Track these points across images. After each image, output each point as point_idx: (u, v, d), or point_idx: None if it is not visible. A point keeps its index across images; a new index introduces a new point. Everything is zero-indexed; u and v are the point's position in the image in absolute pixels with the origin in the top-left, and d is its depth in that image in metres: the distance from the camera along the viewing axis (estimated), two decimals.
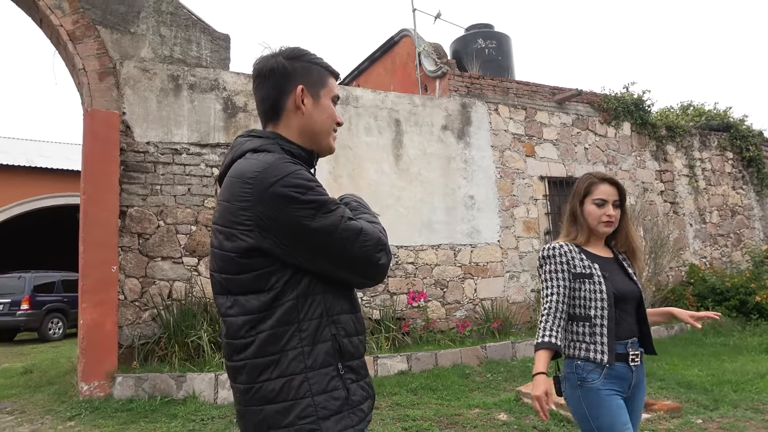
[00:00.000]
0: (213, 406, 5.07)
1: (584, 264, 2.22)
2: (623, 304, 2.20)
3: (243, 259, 1.34)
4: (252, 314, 1.35)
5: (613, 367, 2.12)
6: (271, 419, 1.32)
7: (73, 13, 6.32)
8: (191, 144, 6.63)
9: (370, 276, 1.43)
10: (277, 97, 1.48)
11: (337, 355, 1.38)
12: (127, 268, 6.08)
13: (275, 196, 1.30)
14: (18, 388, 6.21)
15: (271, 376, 1.33)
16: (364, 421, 1.40)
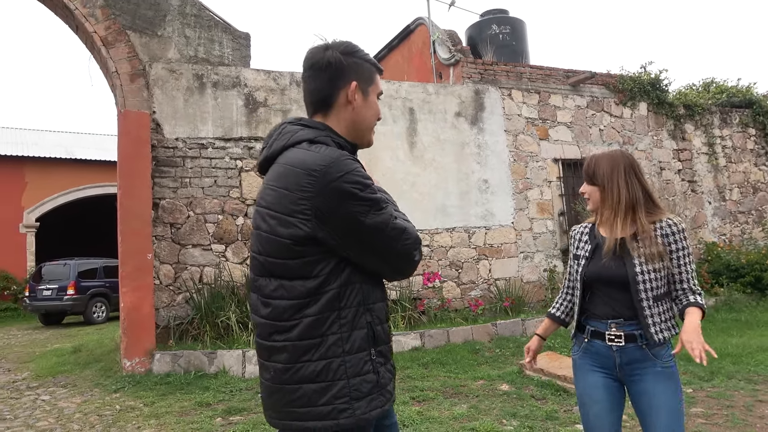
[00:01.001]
0: (241, 380, 5.59)
1: (582, 245, 2.32)
2: (603, 286, 2.20)
3: (297, 246, 1.43)
4: (299, 299, 1.44)
5: (592, 343, 2.21)
6: (308, 397, 1.43)
7: (105, 19, 6.81)
8: (216, 138, 7.10)
9: (406, 271, 1.55)
10: (330, 91, 1.54)
11: (371, 341, 1.49)
12: (162, 255, 6.62)
13: (337, 191, 1.39)
14: (69, 365, 6.88)
15: (312, 358, 1.43)
16: (389, 401, 1.53)
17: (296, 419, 1.45)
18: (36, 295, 13.76)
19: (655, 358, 2.11)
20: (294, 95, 7.59)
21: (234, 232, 7.04)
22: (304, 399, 1.43)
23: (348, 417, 1.43)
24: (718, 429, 3.95)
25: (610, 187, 2.23)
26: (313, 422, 1.42)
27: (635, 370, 2.14)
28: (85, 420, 4.56)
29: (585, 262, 2.25)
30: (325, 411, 1.42)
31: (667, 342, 2.14)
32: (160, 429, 4.24)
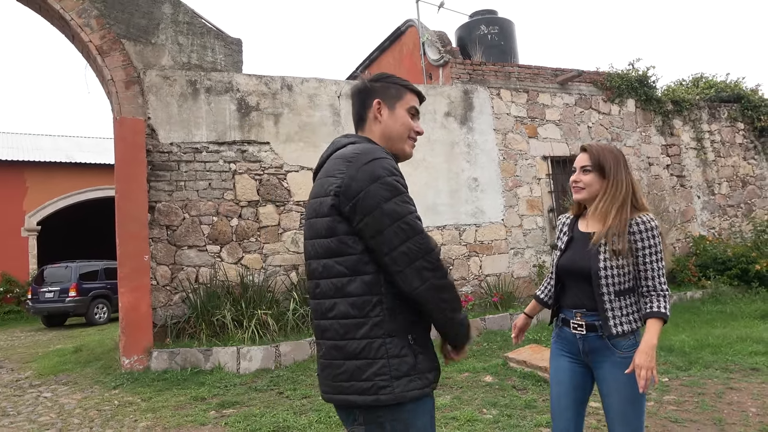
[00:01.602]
0: (236, 375, 5.80)
1: (561, 237, 2.43)
2: (569, 277, 2.34)
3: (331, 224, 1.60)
4: (337, 277, 1.60)
5: (562, 329, 2.36)
6: (351, 373, 1.57)
7: (101, 29, 7.01)
8: (210, 142, 7.30)
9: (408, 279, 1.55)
10: (361, 110, 1.81)
11: (410, 327, 1.62)
12: (158, 256, 6.83)
13: (366, 171, 1.56)
14: (70, 364, 7.09)
15: (355, 336, 1.57)
16: (428, 387, 1.62)
17: (341, 393, 1.59)
18: (38, 298, 13.98)
19: (615, 348, 2.20)
20: (285, 99, 7.79)
21: (228, 233, 7.25)
22: (347, 374, 1.57)
23: (387, 394, 1.54)
24: (687, 415, 4.14)
25: (614, 181, 2.27)
26: (355, 396, 1.56)
27: (597, 357, 2.26)
28: (84, 415, 4.77)
29: (560, 254, 2.37)
30: (366, 386, 1.55)
31: (628, 334, 2.22)
32: (157, 422, 4.45)
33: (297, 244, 7.57)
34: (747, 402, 4.35)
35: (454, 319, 1.66)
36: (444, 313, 1.62)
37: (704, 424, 3.94)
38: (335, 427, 4.16)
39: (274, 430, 4.13)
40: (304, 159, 7.76)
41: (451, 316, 1.64)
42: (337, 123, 8.05)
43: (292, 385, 5.38)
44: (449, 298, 1.62)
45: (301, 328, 6.84)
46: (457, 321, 1.67)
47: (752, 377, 5.06)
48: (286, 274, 7.44)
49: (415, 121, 1.83)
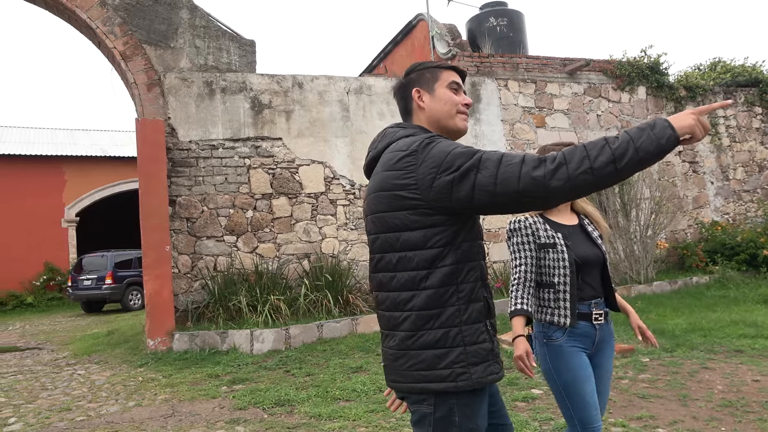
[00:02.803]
0: (249, 356, 6.31)
1: (548, 234, 2.33)
2: (588, 269, 2.34)
3: (410, 216, 1.61)
4: (417, 270, 1.61)
5: (577, 325, 2.29)
6: (429, 361, 1.59)
7: (123, 35, 7.54)
8: (226, 140, 7.79)
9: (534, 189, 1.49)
10: (404, 103, 1.83)
11: (487, 313, 1.65)
12: (179, 246, 7.38)
13: (433, 155, 1.58)
14: (103, 346, 7.75)
15: (432, 326, 1.59)
16: (503, 370, 1.69)
17: (419, 381, 1.60)
18: (78, 285, 14.87)
19: (612, 332, 2.42)
20: (296, 96, 8.21)
21: (244, 224, 7.75)
22: (425, 363, 1.59)
23: (465, 380, 1.58)
24: (656, 391, 4.44)
25: None
26: (435, 384, 1.59)
27: (603, 344, 2.36)
28: (112, 389, 5.35)
29: (565, 248, 2.31)
30: (445, 374, 1.58)
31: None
32: (173, 395, 4.98)
33: (309, 234, 8.02)
34: (716, 381, 4.62)
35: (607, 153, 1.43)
36: (596, 161, 1.43)
37: (669, 400, 4.24)
38: (331, 400, 4.61)
39: (275, 402, 4.60)
40: (315, 153, 8.19)
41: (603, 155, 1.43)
42: (346, 118, 8.45)
43: (299, 364, 5.85)
44: (579, 159, 1.44)
45: (312, 313, 7.31)
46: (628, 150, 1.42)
47: (732, 358, 5.30)
48: (298, 262, 7.91)
49: (459, 94, 1.79)
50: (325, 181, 8.23)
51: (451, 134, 1.77)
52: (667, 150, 1.42)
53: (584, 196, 1.60)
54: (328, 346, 6.48)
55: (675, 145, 1.43)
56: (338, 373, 5.43)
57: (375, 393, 4.74)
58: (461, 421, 1.61)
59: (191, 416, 4.39)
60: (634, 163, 1.42)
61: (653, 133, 1.41)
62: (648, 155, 1.41)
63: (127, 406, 4.79)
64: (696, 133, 1.44)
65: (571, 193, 1.46)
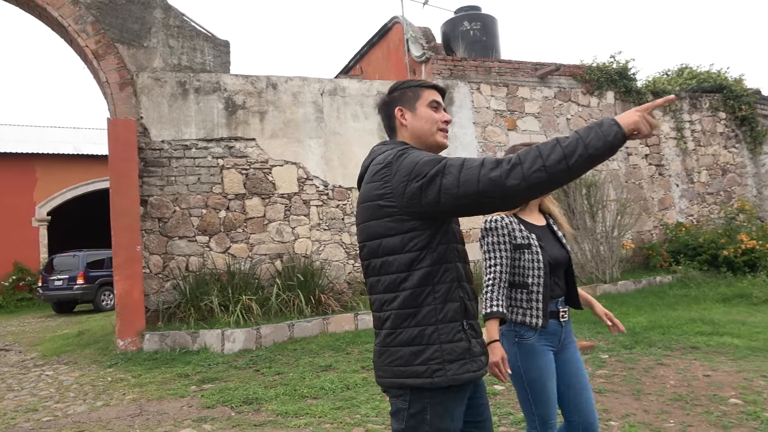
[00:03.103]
0: (219, 355, 6.35)
1: (523, 235, 2.36)
2: (557, 270, 2.40)
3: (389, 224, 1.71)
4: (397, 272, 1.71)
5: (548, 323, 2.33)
6: (407, 357, 1.68)
7: (96, 34, 7.51)
8: (199, 140, 7.81)
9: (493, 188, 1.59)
10: (388, 121, 1.93)
11: (463, 313, 1.72)
12: (151, 246, 7.39)
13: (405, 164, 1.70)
14: (72, 346, 7.71)
15: (409, 325, 1.69)
16: (481, 370, 1.74)
17: (398, 376, 1.70)
18: (48, 285, 14.67)
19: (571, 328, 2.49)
20: (270, 97, 8.26)
21: (217, 224, 7.78)
22: (403, 359, 1.68)
23: (441, 376, 1.65)
24: (611, 386, 4.62)
25: None
26: (411, 379, 1.67)
27: (567, 340, 2.43)
28: (80, 389, 5.36)
29: (540, 249, 2.35)
30: (421, 370, 1.66)
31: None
32: (142, 395, 5.01)
33: (282, 234, 8.08)
34: (670, 376, 4.82)
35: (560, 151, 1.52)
36: (548, 159, 1.52)
37: (623, 394, 4.42)
38: (298, 398, 4.69)
39: (244, 400, 4.67)
40: (289, 154, 8.25)
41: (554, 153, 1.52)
42: (320, 119, 8.52)
43: (269, 363, 5.92)
44: (532, 159, 1.53)
45: (284, 313, 7.37)
46: (578, 148, 1.51)
47: (688, 355, 5.52)
48: (271, 262, 7.97)
49: (440, 112, 1.89)
50: (298, 182, 8.29)
51: (433, 149, 1.86)
52: (615, 145, 1.50)
53: (542, 194, 1.67)
54: (299, 346, 6.56)
55: (622, 140, 1.51)
56: (307, 371, 5.52)
57: (342, 391, 4.84)
58: (432, 419, 1.68)
59: (159, 415, 4.44)
60: (584, 159, 1.50)
61: (601, 131, 1.50)
62: (597, 151, 1.49)
63: (94, 405, 4.81)
64: (641, 129, 1.52)
65: (528, 191, 1.54)
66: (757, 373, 4.79)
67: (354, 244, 8.47)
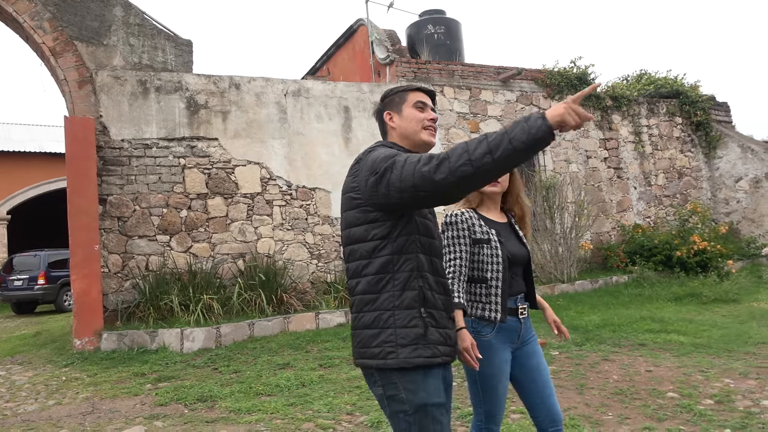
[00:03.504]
0: (178, 354, 6.34)
1: (483, 230, 2.38)
2: (515, 266, 2.43)
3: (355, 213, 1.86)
4: (360, 260, 1.85)
5: (506, 320, 2.35)
6: (366, 340, 1.82)
7: (53, 31, 7.42)
8: (160, 139, 7.78)
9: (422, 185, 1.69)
10: (381, 126, 2.08)
11: (422, 301, 1.81)
12: (110, 246, 7.33)
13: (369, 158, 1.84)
14: (28, 346, 7.59)
15: (369, 309, 1.82)
16: (437, 357, 1.80)
17: (360, 357, 1.84)
18: (8, 286, 14.34)
19: (531, 325, 2.50)
20: (233, 97, 8.27)
21: (178, 223, 7.75)
22: (363, 341, 1.82)
23: (393, 358, 1.76)
24: (557, 381, 4.78)
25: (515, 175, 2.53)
26: (369, 360, 1.81)
27: (526, 337, 2.44)
28: (32, 389, 5.31)
29: (499, 245, 2.38)
30: (376, 351, 1.78)
31: None
32: (96, 393, 4.99)
33: (244, 234, 8.10)
34: (614, 371, 5.01)
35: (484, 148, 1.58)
36: (473, 153, 1.59)
37: (567, 389, 4.58)
38: (253, 395, 4.74)
39: (198, 398, 4.70)
40: (252, 154, 8.27)
41: (480, 148, 1.59)
42: (283, 120, 8.56)
43: (227, 362, 5.95)
44: (458, 153, 1.61)
45: (246, 312, 7.40)
46: (502, 142, 1.57)
47: (634, 351, 5.74)
48: (233, 261, 7.98)
49: (426, 111, 1.99)
50: (261, 182, 8.32)
51: (420, 147, 1.97)
52: (539, 138, 1.53)
53: (475, 188, 1.71)
54: (259, 344, 6.59)
55: (546, 132, 1.53)
56: (265, 369, 5.57)
57: (297, 388, 4.90)
58: (408, 397, 1.76)
59: (111, 413, 4.44)
60: (509, 152, 1.54)
61: (526, 125, 1.55)
62: (521, 144, 1.53)
63: (46, 404, 4.78)
64: (567, 120, 1.56)
65: (457, 185, 1.61)
66: (696, 368, 5.02)
67: (317, 244, 8.53)
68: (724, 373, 4.87)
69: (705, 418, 3.83)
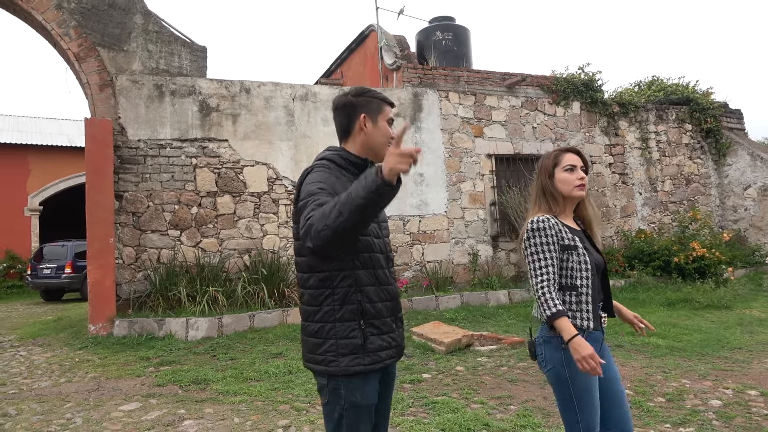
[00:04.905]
0: (182, 342, 6.84)
1: (569, 236, 2.31)
2: (599, 274, 2.36)
3: (296, 227, 1.96)
4: (303, 272, 1.98)
5: (593, 331, 2.27)
6: (312, 347, 1.96)
7: (78, 38, 7.99)
8: (173, 140, 8.29)
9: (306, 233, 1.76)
10: (346, 123, 2.04)
11: (360, 314, 1.93)
12: (125, 239, 7.87)
13: (301, 180, 1.97)
14: (49, 330, 8.21)
15: (313, 320, 1.95)
16: (377, 363, 1.94)
17: (308, 361, 1.99)
18: (37, 274, 15.13)
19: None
20: (243, 101, 8.74)
21: (188, 219, 8.26)
22: (309, 348, 1.96)
23: (335, 367, 1.90)
24: (525, 377, 5.10)
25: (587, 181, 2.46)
26: (314, 365, 1.96)
27: (604, 346, 2.40)
28: (48, 368, 5.86)
29: (587, 252, 2.31)
30: (320, 359, 1.93)
31: None
32: (103, 374, 5.50)
33: (251, 230, 8.57)
34: None
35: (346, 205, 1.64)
36: (329, 218, 1.66)
37: (532, 384, 4.91)
38: (243, 380, 5.18)
39: (193, 381, 5.16)
40: (259, 155, 8.74)
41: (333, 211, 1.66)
42: (290, 123, 9.00)
43: (225, 350, 6.41)
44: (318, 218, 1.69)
45: (249, 304, 7.86)
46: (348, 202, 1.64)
47: None
48: (239, 256, 8.46)
49: (392, 128, 2.07)
50: (268, 182, 8.78)
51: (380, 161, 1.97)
52: (376, 191, 1.60)
53: (347, 242, 1.71)
54: (258, 335, 7.04)
55: (384, 185, 1.59)
56: (259, 357, 6.01)
57: (284, 375, 5.32)
58: (346, 394, 1.92)
59: (113, 391, 4.93)
60: (354, 209, 1.61)
61: (365, 182, 1.62)
62: (363, 200, 1.60)
63: (58, 382, 5.30)
64: (399, 168, 1.61)
65: (324, 246, 1.67)
66: (660, 369, 5.29)
67: None
68: (684, 374, 5.14)
69: (651, 414, 4.13)
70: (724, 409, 4.20)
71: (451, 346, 6.00)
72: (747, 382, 4.88)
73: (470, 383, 4.97)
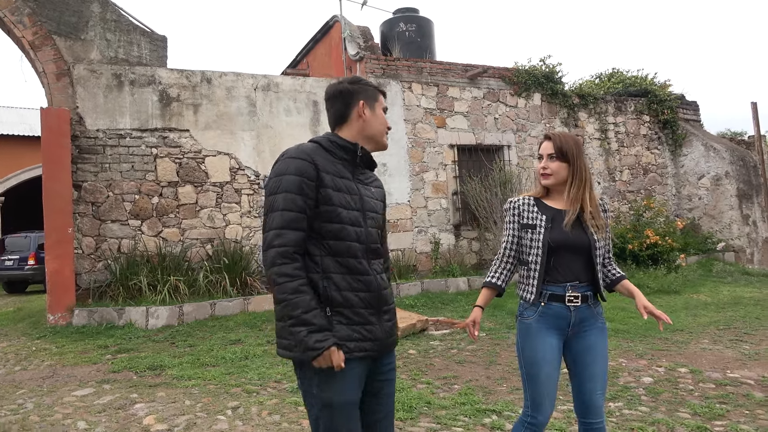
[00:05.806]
0: (142, 330, 6.89)
1: (532, 216, 2.47)
2: (564, 252, 2.41)
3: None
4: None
5: (549, 306, 2.38)
6: (279, 331, 1.93)
7: (33, 25, 7.89)
8: (133, 129, 8.27)
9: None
10: (344, 110, 2.03)
11: (327, 301, 1.88)
12: (84, 229, 7.85)
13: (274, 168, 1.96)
14: (7, 321, 8.17)
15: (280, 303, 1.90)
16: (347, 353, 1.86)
17: (279, 346, 1.96)
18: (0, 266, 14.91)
19: (597, 316, 2.46)
20: (204, 91, 8.75)
21: (149, 209, 8.27)
22: (277, 331, 1.94)
23: (297, 353, 1.86)
24: (473, 358, 5.31)
25: (578, 166, 2.46)
26: (282, 351, 1.94)
27: (584, 327, 2.41)
28: (3, 357, 5.87)
29: (545, 231, 2.42)
30: (286, 343, 1.90)
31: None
32: (59, 361, 5.54)
33: (213, 220, 8.62)
34: None
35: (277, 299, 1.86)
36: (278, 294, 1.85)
37: (478, 365, 5.12)
38: (199, 366, 5.28)
39: (149, 367, 5.24)
40: (221, 145, 8.77)
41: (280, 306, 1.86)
42: (252, 113, 9.05)
43: (185, 337, 6.49)
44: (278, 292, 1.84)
45: (211, 293, 7.92)
46: (287, 298, 1.82)
47: None
48: (202, 246, 8.50)
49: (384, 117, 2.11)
50: (230, 172, 8.82)
51: (380, 148, 2.14)
52: (300, 343, 1.82)
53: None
54: (218, 323, 7.13)
55: (308, 352, 1.81)
56: (217, 344, 6.11)
57: (240, 360, 5.44)
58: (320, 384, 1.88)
59: (68, 378, 4.99)
60: (282, 306, 1.84)
61: (303, 339, 1.81)
62: (289, 318, 1.83)
63: (12, 370, 5.33)
64: (321, 365, 1.83)
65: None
66: None
67: None
68: (623, 354, 5.41)
69: None
70: (654, 385, 4.47)
71: (405, 331, 6.18)
72: (680, 361, 5.17)
73: (420, 365, 5.16)
